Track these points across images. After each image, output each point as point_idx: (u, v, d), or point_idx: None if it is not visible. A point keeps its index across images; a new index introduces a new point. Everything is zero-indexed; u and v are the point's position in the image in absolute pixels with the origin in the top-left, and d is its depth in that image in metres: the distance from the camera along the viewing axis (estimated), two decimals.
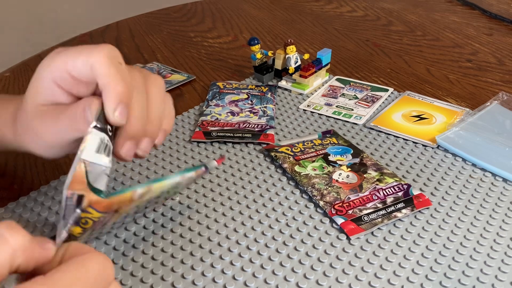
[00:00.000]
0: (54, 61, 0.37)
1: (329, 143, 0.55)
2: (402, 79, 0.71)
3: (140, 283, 0.39)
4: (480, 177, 0.50)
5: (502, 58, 0.78)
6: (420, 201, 0.46)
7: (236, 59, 0.79)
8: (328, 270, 0.40)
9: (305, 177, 0.49)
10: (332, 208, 0.45)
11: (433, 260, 0.41)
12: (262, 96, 0.65)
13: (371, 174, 0.49)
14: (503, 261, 0.41)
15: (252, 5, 1.03)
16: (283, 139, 0.57)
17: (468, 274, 0.39)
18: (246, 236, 0.43)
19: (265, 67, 0.69)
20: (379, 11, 0.98)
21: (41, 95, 0.38)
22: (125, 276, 0.40)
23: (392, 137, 0.57)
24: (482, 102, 0.62)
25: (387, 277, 0.39)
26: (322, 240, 0.43)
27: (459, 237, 0.43)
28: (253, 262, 0.41)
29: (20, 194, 0.49)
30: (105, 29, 0.92)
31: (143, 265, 0.40)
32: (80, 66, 0.36)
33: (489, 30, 0.88)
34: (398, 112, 0.61)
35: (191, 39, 0.87)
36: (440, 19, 0.93)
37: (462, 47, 0.82)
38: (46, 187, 0.50)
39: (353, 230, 0.43)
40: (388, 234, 0.43)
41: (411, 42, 0.84)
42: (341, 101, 0.65)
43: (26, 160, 0.55)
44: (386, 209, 0.45)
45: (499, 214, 0.45)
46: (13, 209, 0.47)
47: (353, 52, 0.81)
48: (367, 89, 0.67)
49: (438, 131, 0.57)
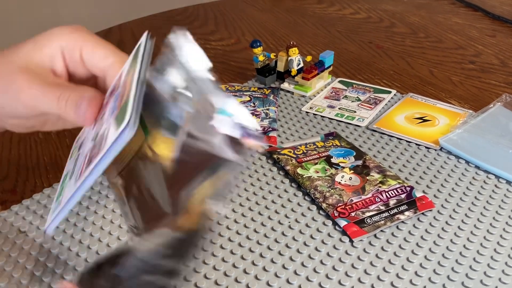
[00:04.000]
0: (73, 34, 0.36)
1: (331, 145, 0.55)
2: (404, 81, 0.71)
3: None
4: (483, 179, 0.50)
5: (505, 59, 0.77)
6: (423, 204, 0.46)
7: (238, 62, 0.79)
8: (331, 273, 0.40)
9: (308, 180, 0.49)
10: (335, 210, 0.45)
11: (436, 262, 0.41)
12: (264, 99, 0.65)
13: (373, 176, 0.49)
14: (507, 264, 0.40)
15: (254, 8, 1.03)
16: (285, 141, 0.57)
17: (471, 276, 0.39)
18: (249, 238, 0.43)
19: (267, 70, 0.69)
20: (382, 13, 0.98)
21: (40, 53, 0.35)
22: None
23: (395, 139, 0.57)
24: (485, 104, 0.62)
25: (390, 280, 0.39)
26: (325, 242, 0.43)
27: (462, 240, 0.43)
28: (256, 264, 0.41)
29: (23, 196, 0.49)
30: (108, 32, 0.92)
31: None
32: (98, 56, 0.35)
33: (492, 31, 0.88)
34: (401, 114, 0.61)
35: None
36: (443, 21, 0.93)
37: (465, 48, 0.82)
38: (49, 190, 0.50)
39: (356, 233, 0.43)
40: (391, 236, 0.43)
41: (414, 44, 0.84)
42: (344, 103, 0.64)
43: (29, 163, 0.55)
44: (389, 211, 0.45)
45: (503, 217, 0.45)
46: (16, 212, 0.47)
47: (355, 54, 0.81)
48: (369, 91, 0.67)
49: (441, 133, 0.57)
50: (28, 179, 0.52)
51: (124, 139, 0.22)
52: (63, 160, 0.55)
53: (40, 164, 0.55)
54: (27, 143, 0.58)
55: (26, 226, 0.45)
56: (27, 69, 0.34)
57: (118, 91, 0.27)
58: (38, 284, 0.40)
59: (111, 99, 0.27)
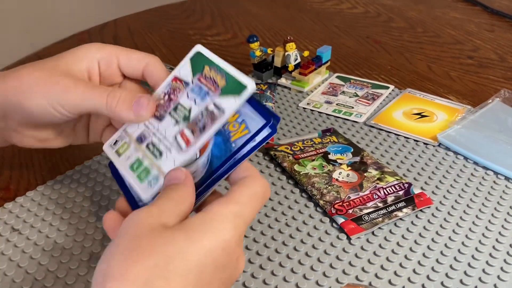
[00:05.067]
0: (106, 47, 0.40)
1: (329, 141, 0.54)
2: (403, 76, 0.71)
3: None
4: (482, 176, 0.50)
5: (503, 54, 0.77)
6: (421, 200, 0.45)
7: (235, 57, 0.78)
8: (328, 271, 0.39)
9: (305, 176, 0.49)
10: (332, 207, 0.45)
11: (435, 260, 0.40)
12: (261, 94, 0.64)
13: (371, 173, 0.49)
14: (506, 261, 0.40)
15: (251, 2, 1.02)
16: (282, 138, 0.57)
17: (470, 274, 0.39)
18: (245, 236, 0.43)
19: (264, 65, 0.68)
20: (380, 8, 0.97)
21: (80, 64, 0.39)
22: None
23: (393, 135, 0.56)
24: (484, 99, 0.61)
25: (388, 278, 0.39)
26: (322, 240, 0.42)
27: (460, 236, 0.42)
28: (252, 262, 0.40)
29: (16, 194, 0.49)
30: (103, 27, 0.92)
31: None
32: (134, 60, 0.40)
33: (491, 26, 0.87)
34: (399, 110, 0.61)
35: (190, 36, 0.87)
36: (441, 16, 0.93)
37: (463, 43, 0.81)
38: (43, 187, 0.49)
39: (353, 230, 0.43)
40: (389, 233, 0.43)
41: (412, 39, 0.83)
42: (341, 99, 0.64)
43: (22, 160, 0.54)
44: (387, 208, 0.44)
45: (501, 213, 0.45)
46: (10, 210, 0.46)
47: (353, 49, 0.80)
48: (367, 86, 0.67)
49: (439, 129, 0.56)
50: (22, 176, 0.52)
51: (251, 91, 0.34)
52: (58, 158, 0.54)
53: (34, 161, 0.54)
54: None
55: (19, 224, 0.45)
56: (69, 75, 0.38)
57: (193, 85, 0.36)
58: (31, 282, 0.39)
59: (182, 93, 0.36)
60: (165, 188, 0.32)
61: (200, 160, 0.34)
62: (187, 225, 0.28)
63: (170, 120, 0.36)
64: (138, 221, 0.28)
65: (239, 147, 0.33)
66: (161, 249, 0.27)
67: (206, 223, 0.29)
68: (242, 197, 0.31)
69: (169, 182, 0.32)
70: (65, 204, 0.47)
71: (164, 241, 0.27)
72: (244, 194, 0.31)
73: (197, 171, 0.34)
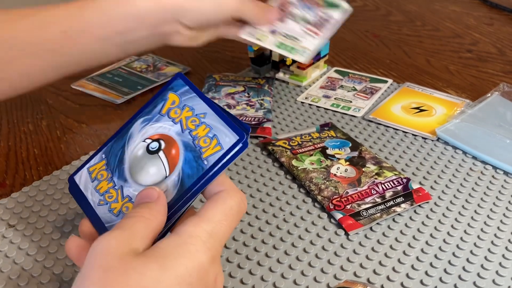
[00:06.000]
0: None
1: (327, 136, 0.54)
2: (401, 70, 0.70)
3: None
4: (480, 170, 0.49)
5: (503, 48, 0.77)
6: (420, 195, 0.45)
7: (232, 51, 0.78)
8: (326, 267, 0.39)
9: (303, 171, 0.48)
10: (330, 203, 0.44)
11: (433, 255, 0.40)
12: (259, 89, 0.64)
13: (370, 168, 0.49)
14: (504, 256, 0.40)
15: None
16: (280, 133, 0.57)
17: (468, 269, 0.39)
18: (243, 232, 0.42)
19: (262, 59, 0.68)
20: (378, 1, 0.97)
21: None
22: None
23: (391, 130, 0.56)
24: (483, 93, 0.61)
25: (386, 273, 0.39)
26: (320, 235, 0.42)
27: (459, 232, 0.42)
28: (250, 259, 0.40)
29: (12, 190, 0.48)
30: None
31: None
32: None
33: (490, 19, 0.87)
34: (398, 104, 0.60)
35: None
36: (440, 9, 0.92)
37: (462, 37, 0.81)
38: (39, 182, 0.49)
39: (351, 226, 0.42)
40: (387, 229, 0.43)
41: (411, 33, 0.83)
42: (340, 93, 0.64)
43: (18, 156, 0.54)
44: (385, 203, 0.44)
45: (500, 208, 0.45)
46: (5, 205, 0.46)
47: (351, 43, 0.80)
48: (366, 80, 0.66)
49: (438, 123, 0.56)
50: (18, 171, 0.51)
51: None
52: (54, 152, 0.54)
53: (30, 156, 0.54)
54: (17, 135, 0.57)
55: (15, 220, 0.44)
56: None
57: (299, 3, 0.53)
58: (27, 279, 0.39)
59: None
60: (136, 206, 0.30)
61: (169, 179, 0.32)
62: (159, 252, 0.27)
63: (292, 23, 0.51)
64: (107, 249, 0.26)
65: (211, 164, 0.31)
66: (135, 282, 0.25)
67: (179, 247, 0.27)
68: (216, 214, 0.29)
69: (141, 200, 0.31)
70: (62, 200, 0.46)
71: (137, 273, 0.25)
72: (218, 210, 0.30)
73: (167, 191, 0.32)
